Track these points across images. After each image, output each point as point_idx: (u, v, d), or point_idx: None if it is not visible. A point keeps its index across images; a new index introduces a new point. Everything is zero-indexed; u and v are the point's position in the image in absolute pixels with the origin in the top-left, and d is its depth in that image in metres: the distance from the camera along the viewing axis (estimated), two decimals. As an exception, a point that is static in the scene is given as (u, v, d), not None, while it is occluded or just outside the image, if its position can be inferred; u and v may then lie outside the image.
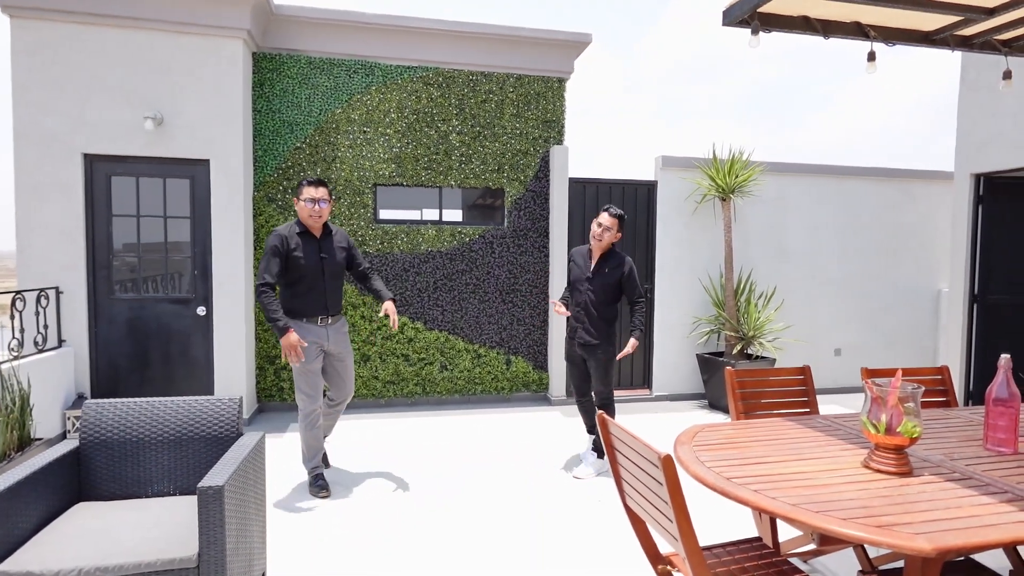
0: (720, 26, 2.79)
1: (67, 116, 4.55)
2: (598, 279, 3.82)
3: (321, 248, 3.50)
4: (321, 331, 3.49)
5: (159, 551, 1.93)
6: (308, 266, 3.42)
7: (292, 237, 3.41)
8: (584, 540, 3.03)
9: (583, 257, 3.94)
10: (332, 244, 3.57)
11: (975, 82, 5.24)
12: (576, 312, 3.89)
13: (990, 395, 2.09)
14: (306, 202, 3.41)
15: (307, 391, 3.47)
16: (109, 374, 4.77)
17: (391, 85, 5.43)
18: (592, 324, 3.81)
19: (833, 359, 6.48)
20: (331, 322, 3.53)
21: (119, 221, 4.73)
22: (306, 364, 3.42)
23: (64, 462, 2.29)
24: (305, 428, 3.52)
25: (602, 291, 3.81)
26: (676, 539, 1.61)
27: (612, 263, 3.84)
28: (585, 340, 3.83)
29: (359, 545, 2.95)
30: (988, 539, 1.44)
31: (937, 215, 6.62)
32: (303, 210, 3.43)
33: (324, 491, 3.51)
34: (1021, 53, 3.20)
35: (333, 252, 3.55)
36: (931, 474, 1.85)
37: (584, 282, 3.85)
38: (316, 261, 3.46)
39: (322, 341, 3.49)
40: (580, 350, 3.88)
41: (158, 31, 4.65)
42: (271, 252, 3.33)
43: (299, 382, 3.47)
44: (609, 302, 3.83)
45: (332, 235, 3.59)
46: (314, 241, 3.49)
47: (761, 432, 2.28)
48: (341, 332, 3.61)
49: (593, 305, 3.81)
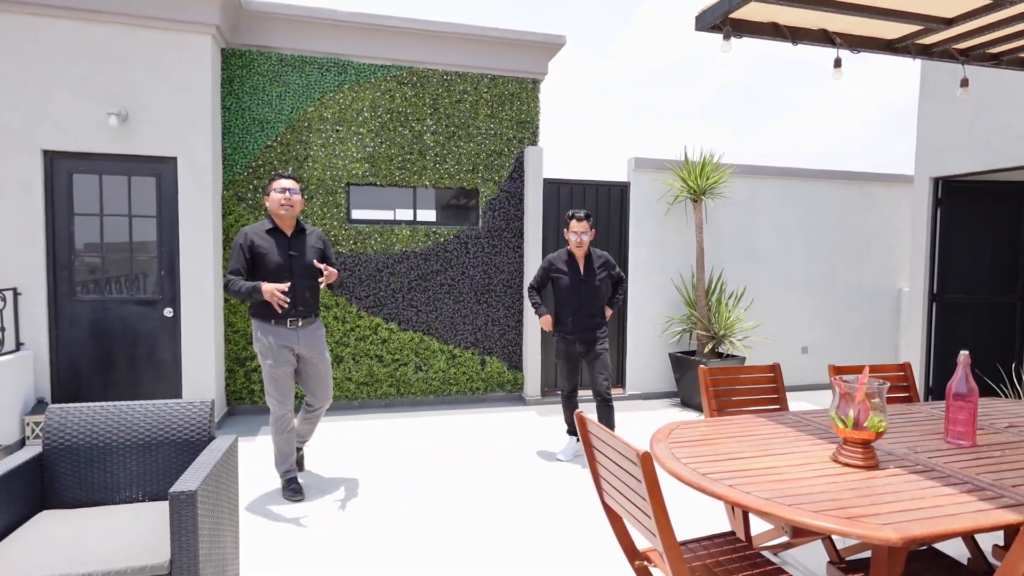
0: (693, 31, 2.84)
1: (25, 111, 4.39)
2: (592, 280, 4.06)
3: (291, 246, 3.38)
4: (291, 334, 3.36)
5: (129, 558, 1.88)
6: (275, 264, 3.31)
7: (259, 234, 3.33)
8: (562, 538, 3.05)
9: (566, 263, 4.09)
10: (304, 242, 3.44)
11: (933, 90, 5.44)
12: (576, 316, 4.05)
13: (950, 390, 2.18)
14: (276, 192, 3.31)
15: (276, 396, 3.38)
16: (71, 378, 4.62)
17: (364, 84, 5.38)
18: (597, 321, 4.07)
19: (800, 357, 6.64)
20: (302, 324, 3.40)
21: (81, 220, 4.58)
22: (273, 367, 3.32)
23: (26, 469, 2.22)
24: (276, 432, 3.44)
25: (598, 290, 4.08)
26: (654, 535, 1.64)
27: (599, 262, 4.11)
28: (589, 336, 4.04)
29: (334, 548, 2.91)
30: (951, 528, 1.51)
31: (897, 217, 6.84)
32: (273, 202, 3.32)
33: (298, 495, 3.44)
34: (978, 62, 3.34)
35: (304, 251, 3.41)
36: (896, 467, 1.92)
37: (579, 286, 4.04)
38: (284, 259, 3.33)
39: (292, 344, 3.37)
40: (582, 347, 4.07)
41: (121, 24, 4.52)
42: (236, 250, 3.29)
43: (268, 386, 3.38)
44: (603, 296, 4.14)
45: (305, 233, 3.47)
46: (284, 239, 3.38)
47: (734, 429, 2.33)
48: (315, 335, 3.48)
49: (593, 303, 4.06)
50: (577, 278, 4.05)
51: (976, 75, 4.67)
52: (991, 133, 4.95)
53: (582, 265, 4.08)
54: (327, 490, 3.62)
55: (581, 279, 4.05)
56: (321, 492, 3.59)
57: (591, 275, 4.07)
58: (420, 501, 3.49)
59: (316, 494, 3.55)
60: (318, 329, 3.52)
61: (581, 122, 19.02)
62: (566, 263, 4.09)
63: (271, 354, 3.31)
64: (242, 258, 3.27)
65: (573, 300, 4.05)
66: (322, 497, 3.51)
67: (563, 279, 4.07)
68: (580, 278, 4.05)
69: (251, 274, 3.32)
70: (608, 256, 4.18)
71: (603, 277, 4.11)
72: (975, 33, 2.98)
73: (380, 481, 3.78)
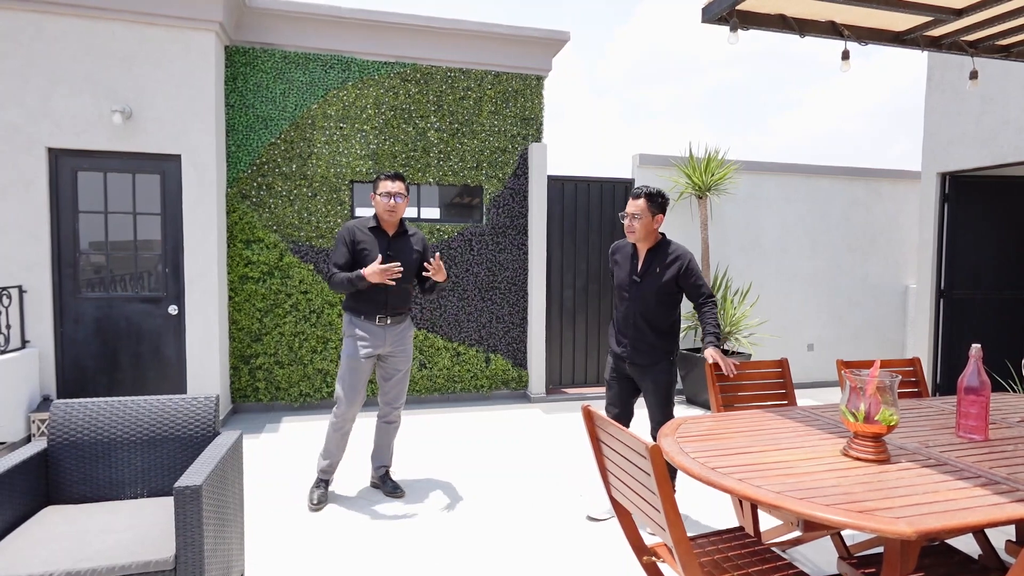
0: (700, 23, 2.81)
1: (29, 109, 4.38)
2: (648, 281, 3.03)
3: (390, 246, 3.33)
4: (379, 331, 3.32)
5: (134, 554, 1.87)
6: (372, 262, 3.23)
7: (361, 231, 3.31)
8: (569, 532, 3.03)
9: (626, 255, 3.17)
10: (406, 243, 3.38)
11: (940, 83, 5.40)
12: (623, 325, 3.12)
13: (962, 384, 2.15)
14: (382, 196, 3.27)
15: (346, 388, 3.29)
16: (76, 376, 4.62)
17: (368, 81, 5.37)
18: (643, 339, 3.05)
19: (806, 354, 6.61)
20: (390, 323, 3.35)
21: (86, 218, 4.58)
22: (352, 360, 3.28)
23: (31, 464, 2.21)
24: (333, 428, 3.36)
25: (654, 296, 3.02)
26: (663, 529, 1.62)
27: (663, 258, 3.02)
28: (636, 360, 3.06)
29: (339, 547, 2.90)
30: (965, 521, 1.48)
31: (903, 213, 6.80)
32: (379, 205, 3.29)
33: (318, 504, 3.31)
34: (987, 54, 3.30)
35: (404, 252, 3.35)
36: (908, 461, 1.89)
37: (630, 287, 3.09)
38: (383, 259, 3.25)
39: (378, 342, 3.32)
40: (632, 371, 3.11)
41: (125, 22, 4.52)
42: (339, 243, 3.30)
43: (344, 373, 3.31)
44: (665, 309, 3.05)
45: (408, 235, 3.42)
46: (385, 238, 3.34)
47: (742, 423, 2.30)
48: (402, 336, 3.41)
49: (643, 315, 3.04)
50: (629, 275, 3.13)
51: (983, 68, 4.63)
52: (999, 127, 4.91)
53: (641, 259, 3.09)
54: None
55: (634, 277, 3.10)
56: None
57: (648, 274, 3.05)
58: (426, 500, 3.47)
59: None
60: (407, 330, 3.47)
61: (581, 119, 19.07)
62: (625, 254, 3.18)
63: (355, 347, 3.28)
64: (345, 252, 3.27)
65: (622, 303, 3.17)
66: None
67: (618, 272, 3.19)
68: (633, 276, 3.10)
69: (351, 268, 3.29)
70: (686, 253, 3.05)
71: (664, 281, 3.01)
72: (984, 24, 2.95)
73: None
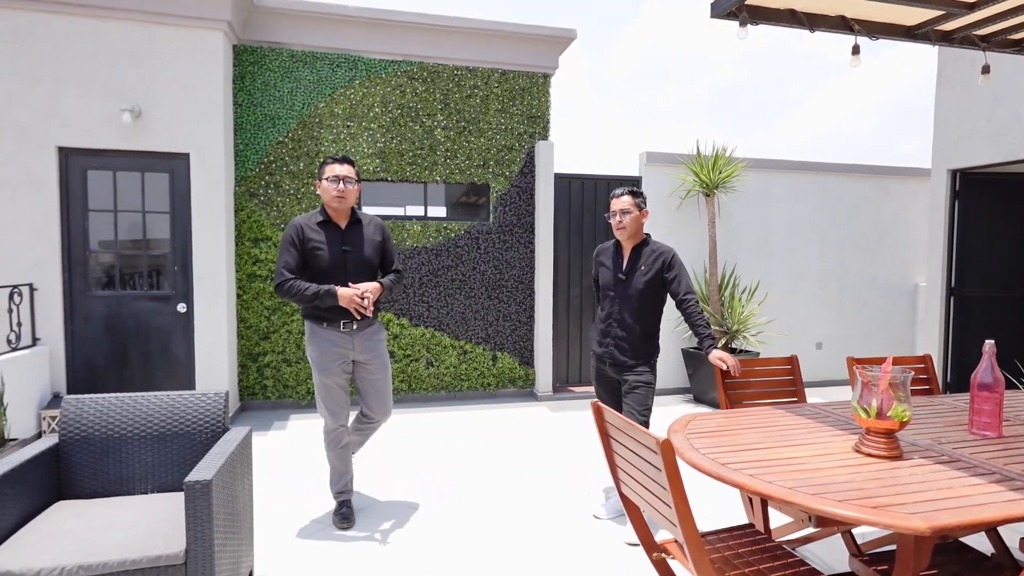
0: (708, 18, 2.80)
1: (39, 108, 4.42)
2: (633, 279, 3.03)
3: (345, 239, 2.98)
4: (344, 338, 2.97)
5: (144, 548, 1.88)
6: (328, 260, 2.92)
7: (310, 227, 2.94)
8: (576, 531, 3.02)
9: (610, 255, 3.17)
10: (361, 235, 3.03)
11: (951, 79, 5.35)
12: (606, 324, 3.12)
13: (975, 381, 2.13)
14: (329, 181, 2.91)
15: (327, 408, 3.01)
16: (86, 373, 4.65)
17: (375, 79, 5.37)
18: (627, 339, 3.03)
19: (814, 353, 6.57)
20: (356, 328, 2.98)
21: (96, 216, 4.61)
22: (323, 377, 2.96)
23: (43, 460, 2.22)
24: (328, 447, 3.08)
25: (639, 294, 3.01)
26: (674, 524, 1.61)
27: (648, 255, 3.04)
28: (618, 359, 3.04)
29: (346, 544, 2.91)
30: (980, 517, 1.47)
31: (912, 211, 6.75)
32: (326, 191, 2.92)
33: (346, 522, 3.04)
34: (999, 48, 3.27)
35: (360, 244, 3.01)
36: (920, 457, 1.88)
37: (616, 285, 3.08)
38: (338, 254, 2.95)
39: (346, 350, 2.98)
40: (612, 371, 3.09)
41: (133, 21, 4.54)
42: (286, 244, 2.91)
43: (319, 396, 3.02)
44: (649, 309, 3.05)
45: (362, 224, 3.06)
46: (338, 231, 2.98)
47: (752, 420, 2.29)
48: (372, 339, 3.06)
49: (628, 314, 3.03)
50: (614, 274, 3.12)
51: (994, 64, 4.58)
52: (1010, 123, 4.86)
53: (626, 257, 3.10)
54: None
55: (619, 275, 3.09)
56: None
57: (633, 272, 3.05)
58: (434, 499, 3.47)
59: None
60: (377, 333, 3.09)
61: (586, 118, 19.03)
62: (610, 254, 3.19)
63: (322, 361, 2.95)
64: (295, 253, 2.89)
65: (606, 302, 3.16)
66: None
67: (603, 273, 3.19)
68: (618, 274, 3.10)
69: (303, 271, 2.94)
70: (670, 250, 3.05)
71: (649, 278, 3.01)
72: (997, 18, 2.92)
73: (392, 477, 3.77)
